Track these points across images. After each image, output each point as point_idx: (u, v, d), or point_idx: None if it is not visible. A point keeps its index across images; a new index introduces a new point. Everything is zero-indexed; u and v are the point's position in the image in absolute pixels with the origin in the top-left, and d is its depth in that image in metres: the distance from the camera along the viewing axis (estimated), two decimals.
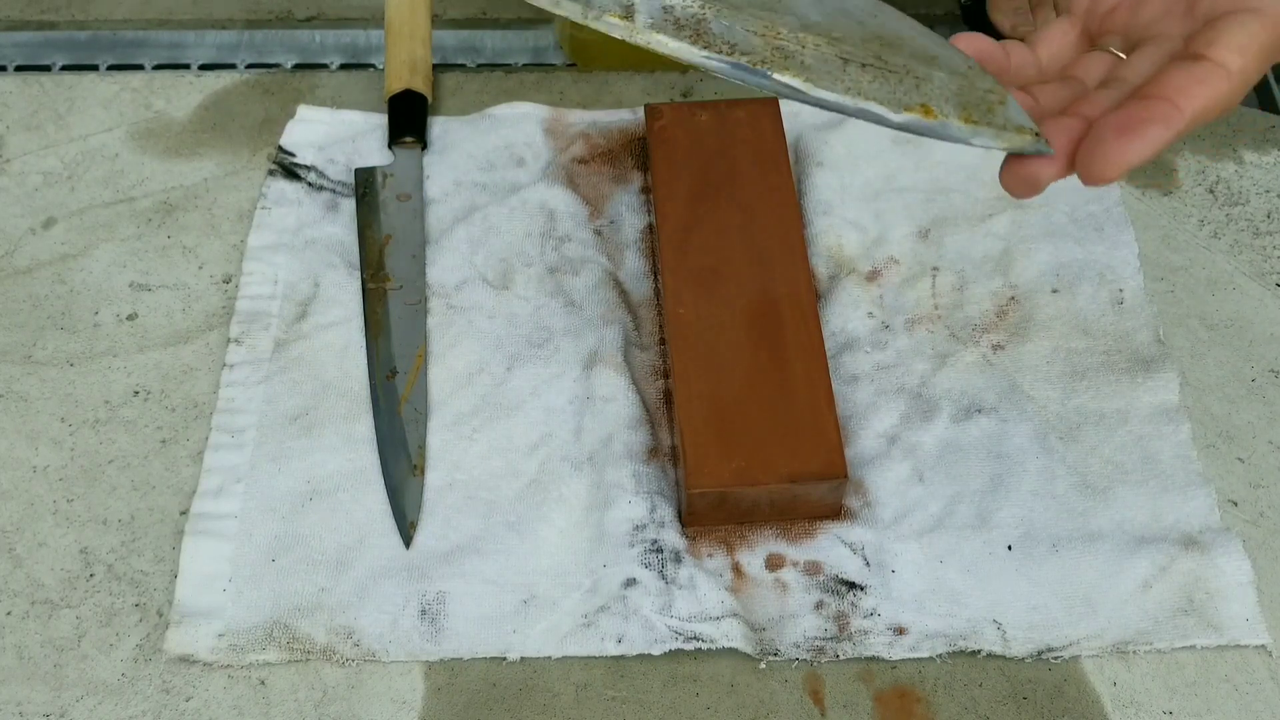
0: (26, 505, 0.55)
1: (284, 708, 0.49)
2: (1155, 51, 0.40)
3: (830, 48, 0.37)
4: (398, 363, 0.58)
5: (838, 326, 0.60)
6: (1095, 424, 0.56)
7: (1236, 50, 0.37)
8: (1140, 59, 0.40)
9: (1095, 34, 0.43)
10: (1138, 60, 0.40)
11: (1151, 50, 0.40)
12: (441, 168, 0.66)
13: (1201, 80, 0.36)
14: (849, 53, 0.37)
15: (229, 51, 0.79)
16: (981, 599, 0.52)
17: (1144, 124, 0.35)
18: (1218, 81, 0.36)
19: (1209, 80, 0.36)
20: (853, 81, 0.36)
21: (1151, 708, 0.49)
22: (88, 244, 0.64)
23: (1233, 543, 0.52)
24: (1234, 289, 0.62)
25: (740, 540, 0.53)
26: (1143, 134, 0.35)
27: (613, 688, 0.50)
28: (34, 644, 0.51)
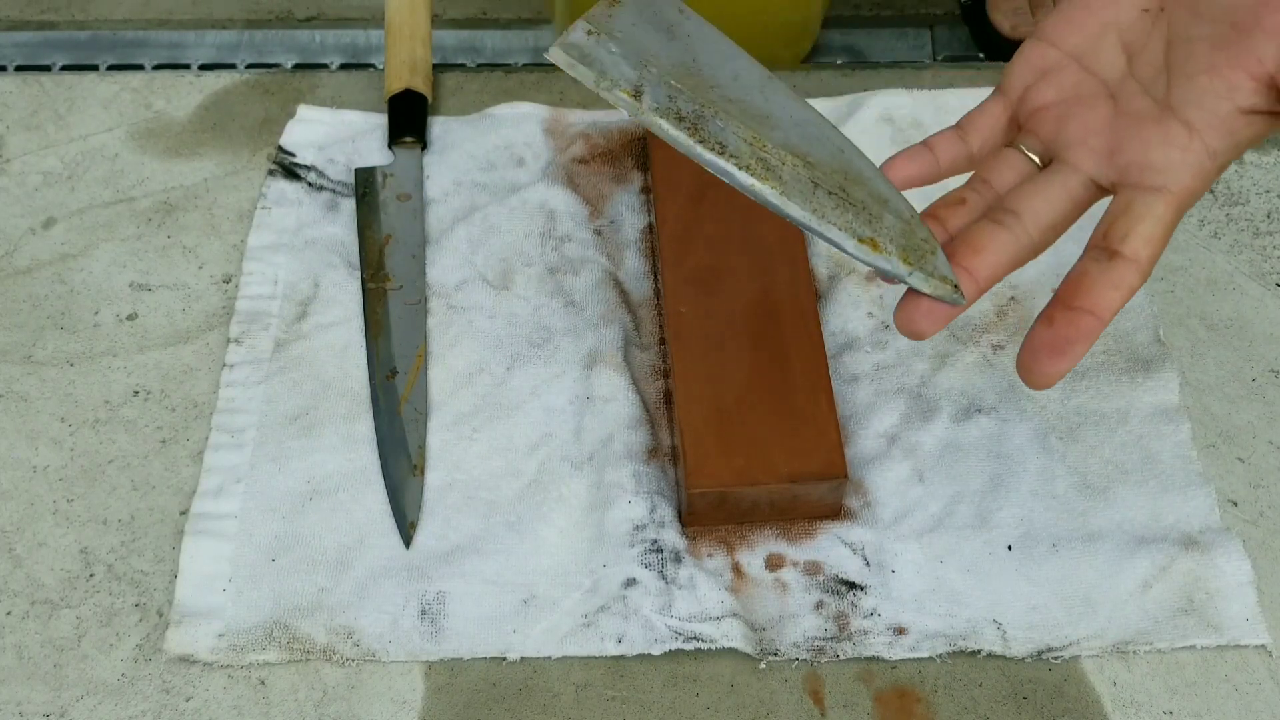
0: (26, 505, 0.55)
1: (284, 708, 0.49)
2: (1063, 185, 0.43)
3: (805, 170, 0.41)
4: (398, 363, 0.58)
5: (838, 326, 0.60)
6: (1095, 424, 0.56)
7: (1146, 241, 0.40)
8: (1044, 193, 0.43)
9: (1022, 123, 0.45)
10: (1042, 191, 0.43)
11: (1061, 181, 0.43)
12: (441, 168, 0.66)
13: (1118, 285, 0.40)
14: (819, 178, 0.41)
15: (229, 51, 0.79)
16: (981, 599, 0.52)
17: (1072, 344, 0.40)
18: (1131, 279, 0.40)
19: (1124, 282, 0.40)
20: (819, 205, 0.40)
21: (1151, 708, 0.49)
22: (88, 244, 0.64)
23: (1233, 543, 0.52)
24: (1234, 289, 0.62)
25: (740, 540, 0.53)
26: (1072, 352, 0.40)
27: (613, 688, 0.50)
28: (34, 644, 0.51)
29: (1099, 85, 0.44)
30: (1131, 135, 0.42)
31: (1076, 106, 0.44)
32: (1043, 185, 0.43)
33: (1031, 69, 0.45)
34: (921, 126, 0.67)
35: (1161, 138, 0.41)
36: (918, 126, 0.67)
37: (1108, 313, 0.40)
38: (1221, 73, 0.40)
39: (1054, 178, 0.43)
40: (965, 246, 0.42)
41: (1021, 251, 0.42)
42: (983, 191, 0.44)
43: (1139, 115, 0.42)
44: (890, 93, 0.68)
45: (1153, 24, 0.43)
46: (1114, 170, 0.42)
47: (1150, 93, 0.42)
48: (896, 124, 0.67)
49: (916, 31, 0.86)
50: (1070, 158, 0.43)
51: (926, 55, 0.84)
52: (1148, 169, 0.41)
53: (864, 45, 0.86)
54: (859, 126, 0.67)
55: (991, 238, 0.42)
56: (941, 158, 0.46)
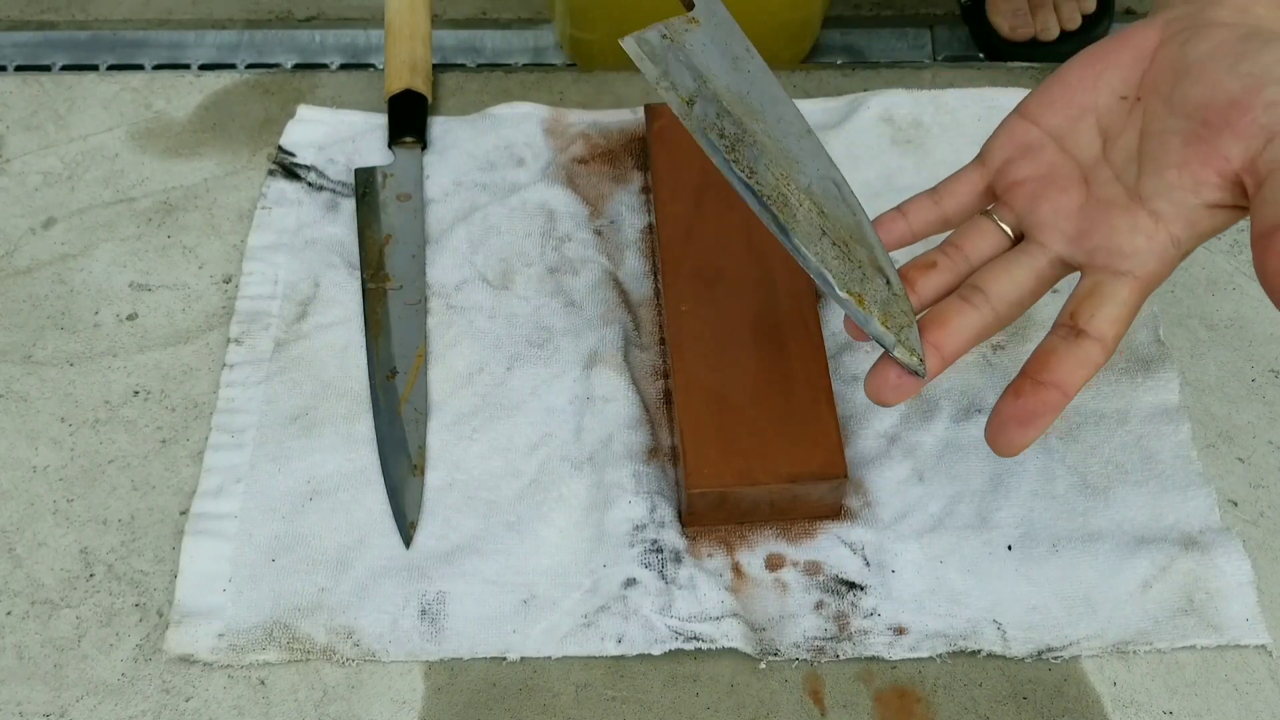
0: (26, 505, 0.55)
1: (284, 708, 0.50)
2: (1031, 265, 0.45)
3: (818, 217, 0.44)
4: (398, 363, 0.58)
5: (838, 326, 0.60)
6: (1095, 424, 0.56)
7: (1111, 322, 0.42)
8: (1011, 273, 0.45)
9: (999, 194, 0.47)
10: (1009, 271, 0.45)
11: (1029, 261, 0.45)
12: (441, 168, 0.66)
13: (1083, 363, 0.42)
14: (828, 228, 0.44)
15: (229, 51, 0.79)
16: (981, 599, 0.52)
17: (1038, 416, 0.42)
18: (1096, 357, 0.42)
19: (1090, 360, 0.42)
20: (822, 251, 0.44)
21: (1151, 708, 0.49)
22: (88, 244, 0.64)
23: (1233, 543, 0.52)
24: (1234, 289, 0.62)
25: (740, 540, 0.53)
26: (1038, 423, 0.42)
27: (613, 688, 0.50)
28: (34, 644, 0.51)
29: (1074, 167, 0.45)
30: (1101, 221, 0.43)
31: (1050, 187, 0.45)
32: (1011, 264, 0.45)
33: (1013, 143, 0.47)
34: (921, 126, 0.67)
35: (1129, 225, 0.43)
36: (918, 126, 0.67)
37: (1072, 388, 0.42)
38: (1191, 168, 0.42)
39: (1022, 257, 0.45)
40: (934, 323, 0.44)
41: (986, 328, 0.44)
42: (954, 256, 0.46)
43: (1109, 202, 0.44)
44: (890, 93, 0.68)
45: (1129, 112, 0.45)
46: (1082, 253, 0.44)
47: (1122, 179, 0.44)
48: (896, 124, 0.67)
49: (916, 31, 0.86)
50: (1041, 237, 0.45)
51: (926, 55, 0.84)
52: (1115, 254, 0.43)
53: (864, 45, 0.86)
54: (859, 126, 0.67)
55: (959, 315, 0.44)
56: (914, 222, 0.48)
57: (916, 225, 0.48)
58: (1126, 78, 0.45)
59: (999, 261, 0.45)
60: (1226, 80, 0.42)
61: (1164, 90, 0.44)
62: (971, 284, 0.45)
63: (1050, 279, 0.45)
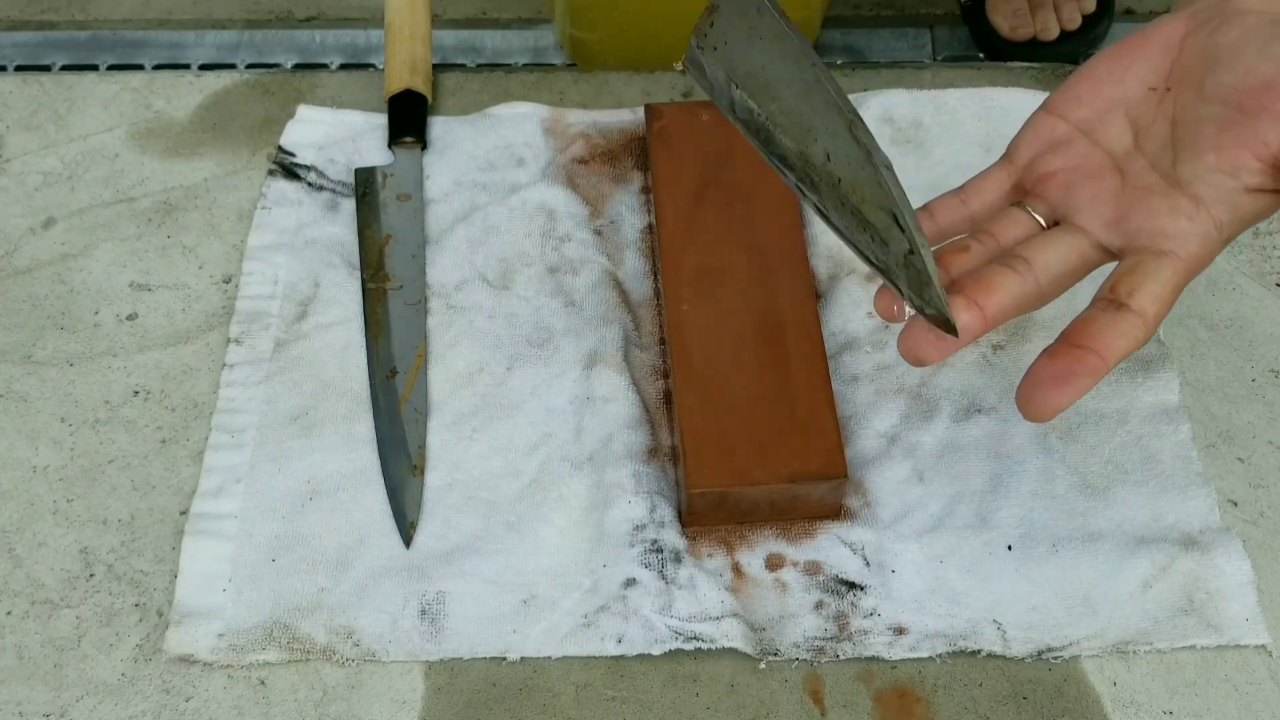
0: (26, 505, 0.55)
1: (284, 708, 0.50)
2: (1072, 242, 0.44)
3: (835, 189, 0.43)
4: (398, 363, 0.58)
5: (838, 326, 0.60)
6: (1095, 424, 0.56)
7: (1153, 299, 0.41)
8: (1054, 247, 0.44)
9: (1027, 188, 0.46)
10: (1052, 245, 0.44)
11: (1070, 239, 0.44)
12: (441, 168, 0.66)
13: (1124, 334, 0.41)
14: (846, 195, 0.43)
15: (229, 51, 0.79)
16: (981, 599, 0.52)
17: (1076, 376, 0.41)
18: (1137, 331, 0.41)
19: (1130, 332, 0.41)
20: (847, 221, 0.43)
21: (1151, 708, 0.49)
22: (88, 244, 0.64)
23: (1233, 543, 0.52)
24: (1234, 289, 0.62)
25: (740, 540, 0.53)
26: (1075, 384, 0.41)
27: (613, 688, 0.50)
28: (34, 644, 0.51)
29: (1106, 158, 0.45)
30: (1139, 205, 0.43)
31: (1084, 176, 0.45)
32: (1053, 240, 0.44)
33: (1040, 140, 0.46)
34: (922, 126, 0.67)
35: (1169, 208, 0.42)
36: (918, 126, 0.67)
37: (1112, 357, 0.41)
38: (1228, 152, 0.41)
39: (1063, 235, 0.44)
40: (977, 284, 0.43)
41: (1029, 297, 0.43)
42: (986, 243, 0.45)
43: (1146, 188, 0.43)
44: (890, 93, 0.68)
45: (1159, 103, 0.44)
46: (1121, 236, 0.43)
47: (1157, 168, 0.43)
48: (896, 124, 0.67)
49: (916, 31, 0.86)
50: (1078, 220, 0.44)
51: (926, 55, 0.84)
52: (1157, 235, 0.42)
53: (864, 45, 0.86)
54: None
55: (1003, 279, 0.43)
56: (941, 221, 0.47)
57: (944, 224, 0.47)
58: (1155, 69, 0.45)
59: (1040, 238, 0.44)
60: (1260, 64, 0.41)
61: (1195, 79, 0.43)
62: (1014, 254, 0.44)
63: (1092, 262, 0.44)
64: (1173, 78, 0.44)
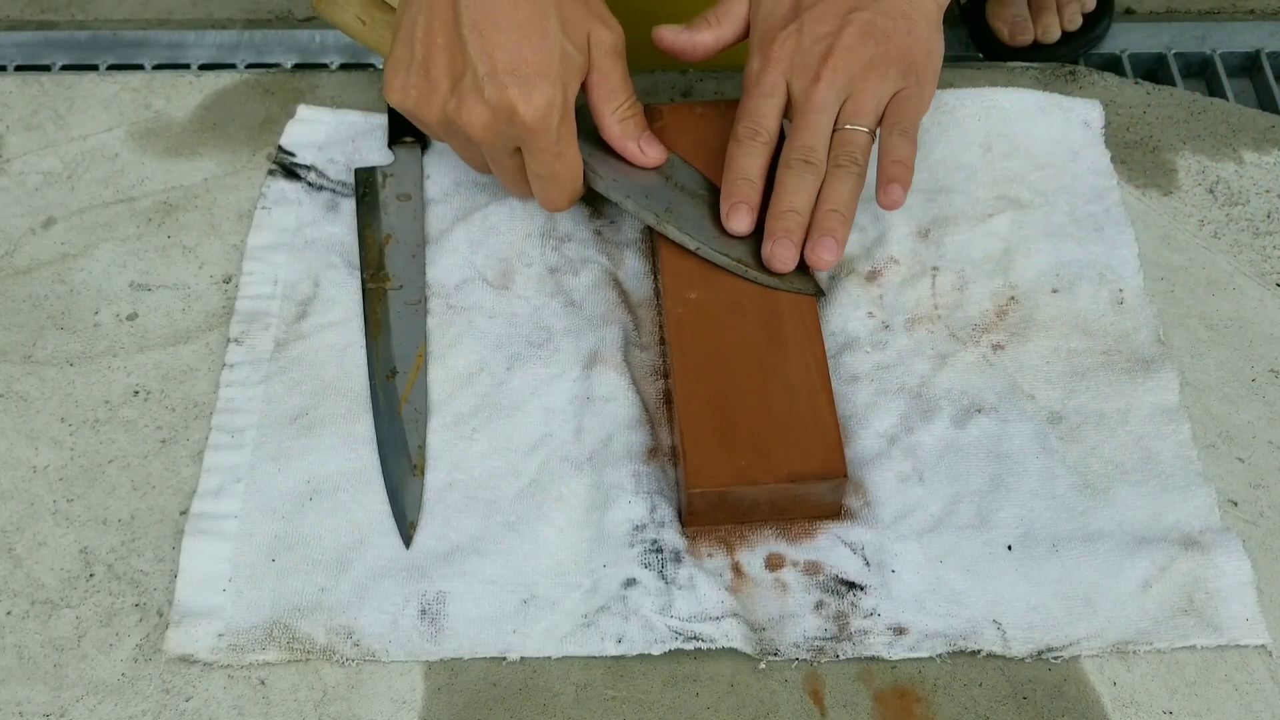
0: (26, 505, 0.55)
1: (284, 708, 0.50)
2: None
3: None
4: (398, 363, 0.58)
5: (838, 326, 0.60)
6: (1095, 424, 0.56)
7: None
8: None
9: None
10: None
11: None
12: (441, 168, 0.66)
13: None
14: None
15: (229, 51, 0.79)
16: (981, 599, 0.52)
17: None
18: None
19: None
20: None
21: (1151, 708, 0.49)
22: (88, 244, 0.64)
23: (1233, 543, 0.52)
24: (1234, 289, 0.62)
25: (740, 540, 0.53)
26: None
27: (613, 688, 0.50)
28: (34, 644, 0.51)
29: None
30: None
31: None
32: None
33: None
34: (921, 126, 0.66)
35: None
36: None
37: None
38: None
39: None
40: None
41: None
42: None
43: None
44: None
45: None
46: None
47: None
48: None
49: None
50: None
51: None
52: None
53: None
54: None
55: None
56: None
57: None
58: None
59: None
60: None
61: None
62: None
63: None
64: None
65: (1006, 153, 0.66)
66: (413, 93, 0.55)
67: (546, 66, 0.53)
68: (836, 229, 0.56)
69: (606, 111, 0.58)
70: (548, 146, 0.55)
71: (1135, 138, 0.68)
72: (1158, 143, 0.68)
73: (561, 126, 0.55)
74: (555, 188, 0.58)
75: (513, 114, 0.53)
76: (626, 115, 0.58)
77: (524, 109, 0.53)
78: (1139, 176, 0.66)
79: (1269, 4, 0.83)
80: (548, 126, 0.54)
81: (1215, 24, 0.82)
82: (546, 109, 0.54)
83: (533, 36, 0.53)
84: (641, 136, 0.59)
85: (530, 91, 0.53)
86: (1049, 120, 0.67)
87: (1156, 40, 0.83)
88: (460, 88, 0.54)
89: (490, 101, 0.53)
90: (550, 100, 0.53)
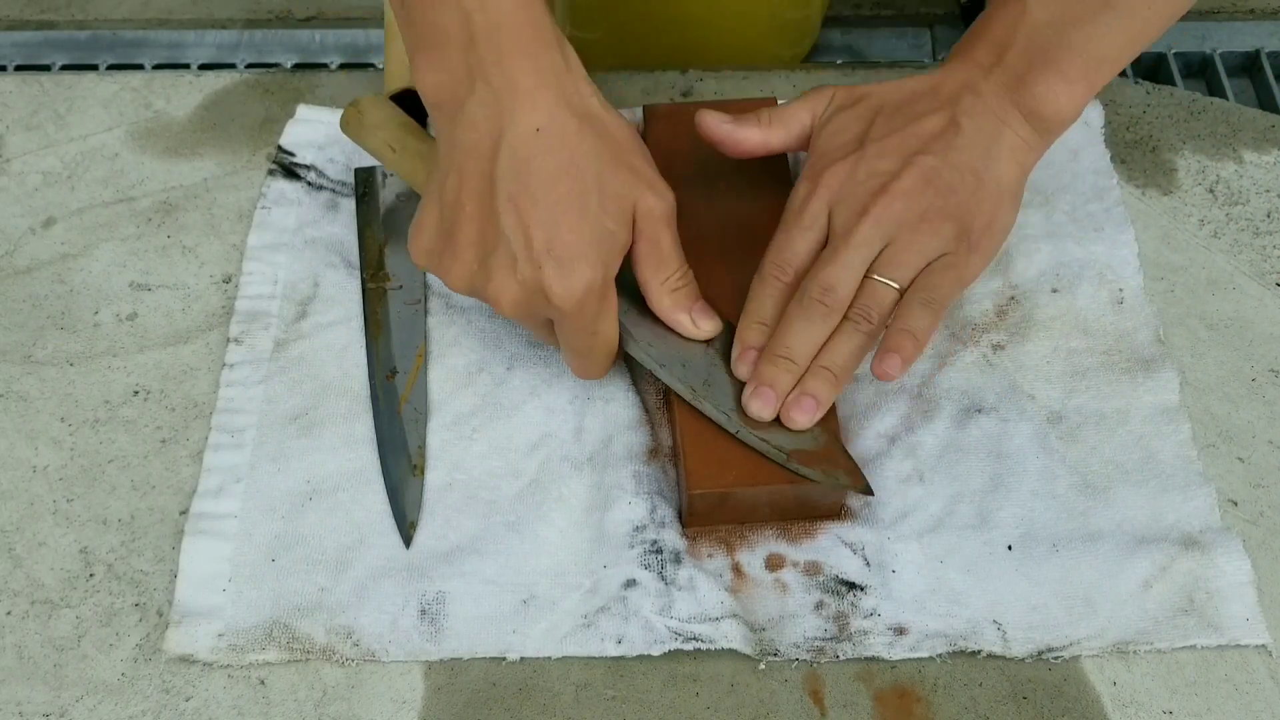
0: (26, 505, 0.55)
1: (284, 708, 0.50)
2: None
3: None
4: (398, 362, 0.58)
5: None
6: (1095, 424, 0.56)
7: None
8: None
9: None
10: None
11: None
12: None
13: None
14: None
15: (229, 51, 0.79)
16: (981, 599, 0.52)
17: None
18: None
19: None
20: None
21: (1151, 708, 0.49)
22: (88, 244, 0.64)
23: (1233, 543, 0.52)
24: (1234, 289, 0.62)
25: (740, 540, 0.53)
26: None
27: (613, 688, 0.50)
28: (34, 644, 0.51)
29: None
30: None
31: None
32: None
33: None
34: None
35: None
36: None
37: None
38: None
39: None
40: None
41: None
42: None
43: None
44: None
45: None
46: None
47: None
48: None
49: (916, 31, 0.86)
50: None
51: (926, 55, 0.84)
52: None
53: (864, 45, 0.85)
54: None
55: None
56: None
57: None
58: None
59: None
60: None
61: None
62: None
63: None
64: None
65: None
66: (437, 257, 0.52)
67: (584, 248, 0.49)
68: (820, 390, 0.52)
69: (655, 282, 0.53)
70: (584, 326, 0.51)
71: (1135, 137, 0.68)
72: (1158, 142, 0.68)
73: (599, 306, 0.51)
74: (589, 363, 0.54)
75: (548, 296, 0.49)
76: (678, 286, 0.53)
77: (559, 291, 0.49)
78: (1139, 176, 0.66)
79: (1269, 4, 0.83)
80: (583, 309, 0.50)
81: (1215, 24, 0.82)
82: (584, 292, 0.49)
83: (571, 214, 0.49)
84: (695, 306, 0.54)
85: (567, 274, 0.49)
86: None
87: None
88: (490, 261, 0.50)
89: (523, 281, 0.49)
90: (589, 284, 0.49)
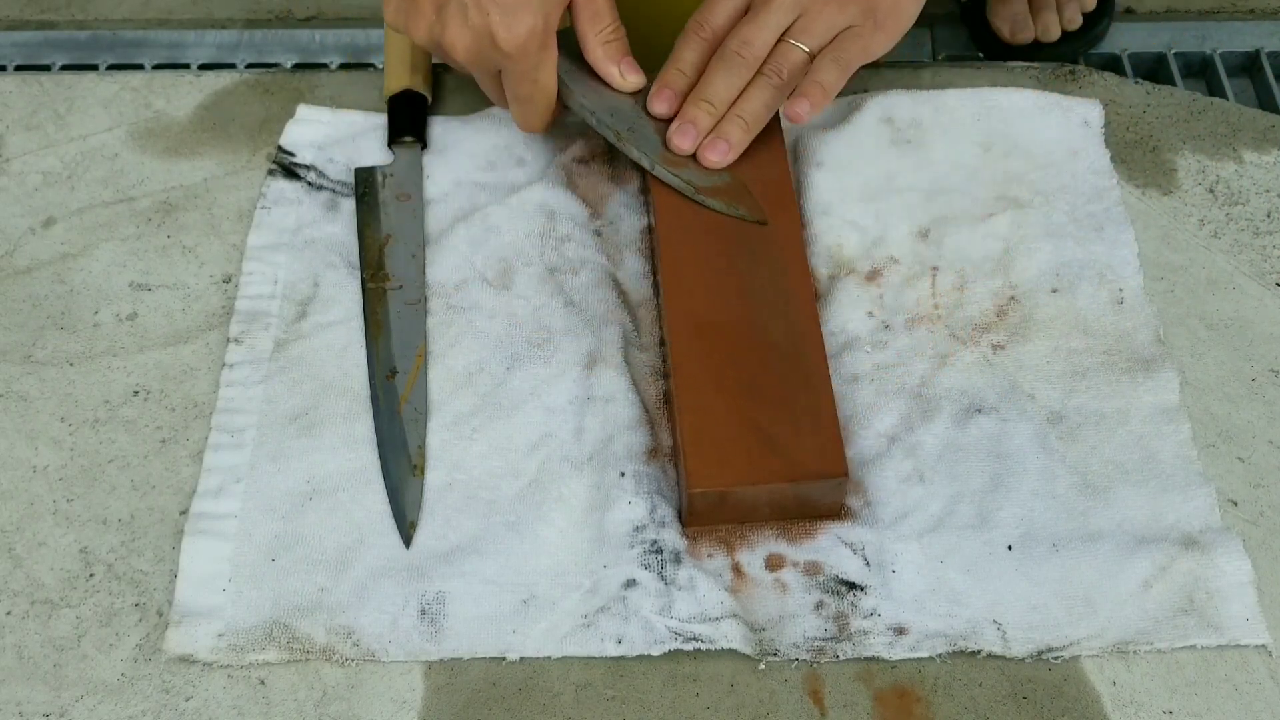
0: (26, 505, 0.55)
1: (284, 708, 0.50)
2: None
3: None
4: (398, 363, 0.58)
5: (838, 326, 0.60)
6: (1095, 424, 0.56)
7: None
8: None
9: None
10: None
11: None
12: (441, 168, 0.66)
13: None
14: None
15: (229, 51, 0.79)
16: (981, 599, 0.52)
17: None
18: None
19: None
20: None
21: (1151, 708, 0.49)
22: (88, 244, 0.64)
23: (1233, 543, 0.52)
24: (1234, 289, 0.62)
25: (740, 540, 0.53)
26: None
27: (613, 688, 0.50)
28: (34, 644, 0.51)
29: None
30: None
31: None
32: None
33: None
34: (921, 126, 0.67)
35: None
36: (917, 126, 0.67)
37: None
38: None
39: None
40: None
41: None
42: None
43: None
44: (890, 93, 0.68)
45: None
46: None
47: None
48: (896, 124, 0.67)
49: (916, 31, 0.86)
50: None
51: (926, 55, 0.84)
52: None
53: None
54: (859, 127, 0.66)
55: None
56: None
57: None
58: None
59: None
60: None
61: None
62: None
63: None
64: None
65: (1006, 152, 0.66)
66: (404, 15, 0.58)
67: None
68: (733, 134, 0.58)
69: (591, 34, 0.60)
70: (525, 72, 0.58)
71: (1135, 137, 0.68)
72: (1158, 142, 0.68)
73: (540, 54, 0.57)
74: (530, 110, 0.61)
75: (493, 40, 0.56)
76: (610, 39, 0.60)
77: (504, 36, 0.55)
78: (1139, 176, 0.66)
79: (1269, 4, 0.83)
80: (526, 53, 0.56)
81: (1215, 24, 0.82)
82: (526, 37, 0.55)
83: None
84: (623, 60, 0.60)
85: (511, 19, 0.55)
86: (1049, 120, 0.67)
87: (1156, 40, 0.83)
88: (445, 13, 0.56)
89: (473, 27, 0.56)
90: (530, 28, 0.55)
